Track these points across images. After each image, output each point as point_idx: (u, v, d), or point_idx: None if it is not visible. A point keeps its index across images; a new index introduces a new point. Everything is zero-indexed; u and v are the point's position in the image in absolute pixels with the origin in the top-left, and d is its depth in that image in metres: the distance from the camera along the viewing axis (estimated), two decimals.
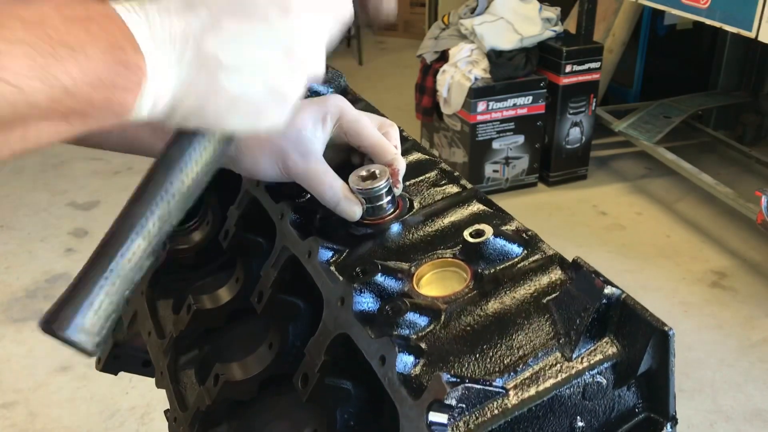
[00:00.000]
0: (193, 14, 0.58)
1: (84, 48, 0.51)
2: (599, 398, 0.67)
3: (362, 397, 0.81)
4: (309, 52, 0.63)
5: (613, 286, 0.65)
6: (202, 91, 0.58)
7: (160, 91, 0.56)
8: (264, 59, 0.60)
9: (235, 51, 0.59)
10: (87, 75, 0.51)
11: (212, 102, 0.59)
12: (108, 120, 0.55)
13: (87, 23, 0.52)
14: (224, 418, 1.04)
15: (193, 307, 1.07)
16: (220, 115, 0.60)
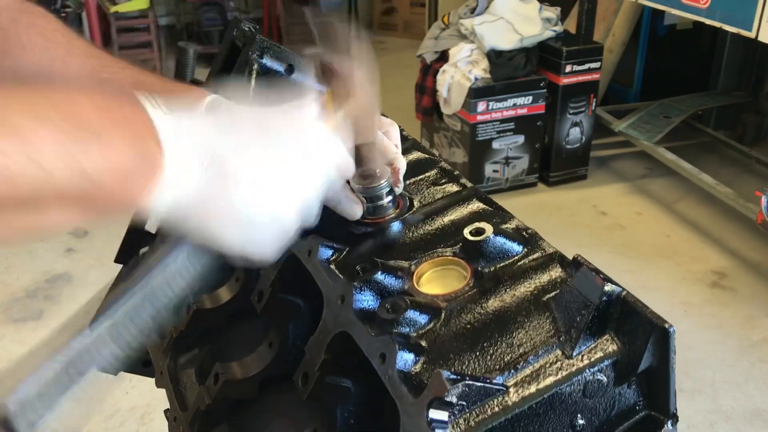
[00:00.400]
0: (224, 136, 0.62)
1: (108, 134, 0.53)
2: (600, 396, 0.67)
3: (362, 395, 0.81)
4: (313, 197, 0.68)
5: (613, 284, 0.65)
6: (213, 199, 0.61)
7: (173, 191, 0.59)
8: (275, 189, 0.64)
9: (254, 177, 0.63)
10: (107, 161, 0.53)
11: (218, 212, 0.62)
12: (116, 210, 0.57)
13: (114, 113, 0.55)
14: (224, 417, 1.04)
15: (193, 307, 1.07)
16: (223, 231, 0.63)
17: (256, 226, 0.64)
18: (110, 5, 5.89)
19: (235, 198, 0.62)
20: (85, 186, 0.52)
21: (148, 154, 0.56)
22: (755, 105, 4.70)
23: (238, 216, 0.63)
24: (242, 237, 0.64)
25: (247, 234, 0.64)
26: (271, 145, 0.65)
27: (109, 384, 0.62)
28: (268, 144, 0.65)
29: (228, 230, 0.63)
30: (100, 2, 5.90)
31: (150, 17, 6.11)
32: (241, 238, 0.64)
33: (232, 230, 0.63)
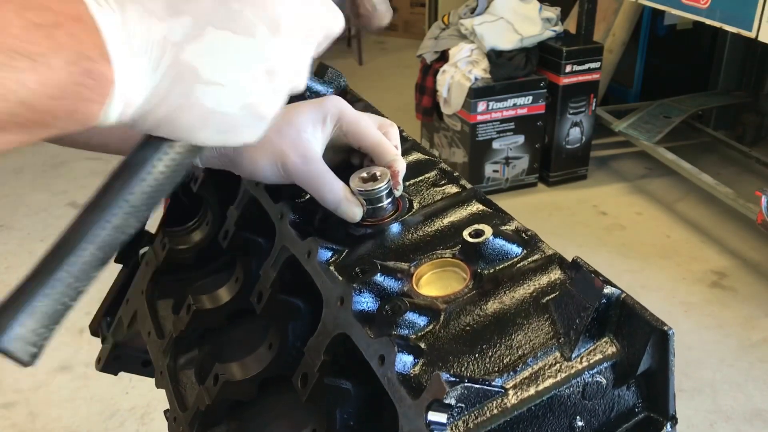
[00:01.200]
0: (176, 20, 0.54)
1: (46, 57, 0.48)
2: (599, 398, 0.67)
3: (362, 397, 0.81)
4: (293, 71, 0.61)
5: (612, 286, 0.65)
6: (176, 103, 0.55)
7: (129, 99, 0.54)
8: (245, 77, 0.58)
9: (216, 65, 0.56)
10: (48, 87, 0.48)
11: (185, 114, 0.56)
12: (71, 128, 0.52)
13: (53, 29, 0.48)
14: (224, 418, 1.04)
15: (192, 307, 1.07)
16: (192, 128, 0.58)
17: (228, 118, 0.58)
18: None
19: (199, 93, 0.56)
20: (28, 114, 0.48)
21: (95, 72, 0.50)
22: (755, 105, 4.71)
23: (205, 111, 0.57)
24: (214, 131, 0.59)
25: (219, 128, 0.59)
26: (234, 20, 0.56)
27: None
28: (230, 21, 0.56)
29: (197, 128, 0.58)
30: None
31: None
32: (214, 133, 0.59)
33: (202, 128, 0.58)
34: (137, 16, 0.53)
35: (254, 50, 0.57)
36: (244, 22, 0.57)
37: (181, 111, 0.56)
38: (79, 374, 2.87)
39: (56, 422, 2.69)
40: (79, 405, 2.76)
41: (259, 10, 0.57)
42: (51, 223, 4.00)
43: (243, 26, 0.57)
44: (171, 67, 0.54)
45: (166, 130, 0.58)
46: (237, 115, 0.59)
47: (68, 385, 2.84)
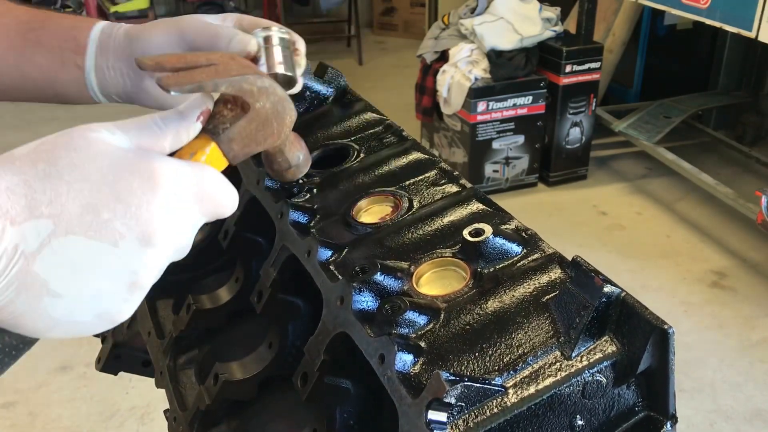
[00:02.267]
0: (34, 223, 0.49)
1: None
2: (599, 397, 0.67)
3: (362, 396, 0.81)
4: (159, 270, 0.57)
5: (612, 285, 0.65)
6: (19, 311, 0.51)
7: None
8: (103, 290, 0.53)
9: (70, 278, 0.51)
10: None
11: (28, 322, 0.52)
12: None
13: None
14: (224, 417, 1.04)
15: (192, 307, 1.07)
16: (36, 332, 0.53)
17: (78, 326, 0.54)
18: (110, 5, 5.89)
19: (47, 305, 0.51)
20: None
21: None
22: (755, 105, 4.70)
23: (53, 323, 0.52)
24: (62, 334, 0.54)
25: (67, 332, 0.54)
26: (101, 230, 0.51)
27: None
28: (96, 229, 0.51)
29: (42, 332, 0.53)
30: (100, 2, 5.90)
31: (150, 17, 6.12)
32: (62, 334, 0.54)
33: (47, 332, 0.53)
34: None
35: (118, 263, 0.53)
36: (112, 234, 0.52)
37: (23, 318, 0.52)
38: (79, 374, 2.87)
39: (56, 422, 2.69)
40: (79, 405, 2.76)
41: (132, 222, 0.53)
42: None
43: (110, 237, 0.52)
44: (18, 276, 0.49)
45: (9, 328, 0.53)
46: (89, 323, 0.54)
47: (68, 385, 2.84)
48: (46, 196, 0.50)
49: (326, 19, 7.41)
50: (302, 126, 1.10)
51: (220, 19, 0.83)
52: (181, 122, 0.61)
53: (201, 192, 0.58)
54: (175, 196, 0.56)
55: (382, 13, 7.53)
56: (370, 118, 1.13)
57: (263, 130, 0.66)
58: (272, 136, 0.67)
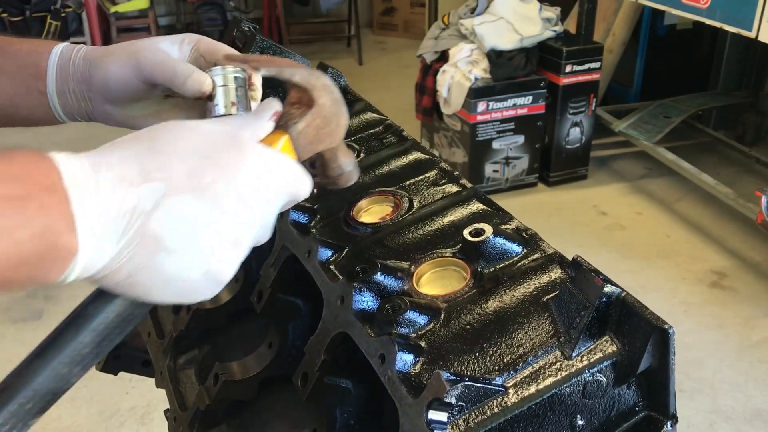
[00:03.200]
0: (148, 187, 0.56)
1: (12, 233, 0.49)
2: (599, 397, 0.67)
3: (362, 395, 0.81)
4: (256, 235, 0.63)
5: (612, 285, 0.65)
6: (137, 269, 0.56)
7: (90, 264, 0.54)
8: (210, 247, 0.59)
9: (182, 235, 0.57)
10: (10, 258, 0.49)
11: (144, 279, 0.57)
12: (28, 287, 0.54)
13: (23, 202, 0.50)
14: (224, 417, 1.04)
15: (192, 307, 1.07)
16: (150, 291, 0.58)
17: (188, 283, 0.59)
18: (110, 5, 5.89)
19: (161, 260, 0.57)
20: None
21: (59, 245, 0.52)
22: (755, 105, 4.70)
23: (166, 279, 0.58)
24: (173, 294, 0.60)
25: (177, 291, 0.60)
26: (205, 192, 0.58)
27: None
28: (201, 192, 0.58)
29: (155, 291, 0.59)
30: (100, 2, 5.90)
31: (150, 17, 6.12)
32: (172, 297, 0.60)
33: (161, 291, 0.59)
34: (110, 185, 0.54)
35: (222, 221, 0.59)
36: (214, 194, 0.58)
37: (140, 276, 0.57)
38: None
39: (56, 422, 2.69)
40: (80, 405, 2.75)
41: (230, 184, 0.59)
42: None
43: (213, 197, 0.58)
44: (136, 235, 0.55)
45: (123, 290, 0.58)
46: (197, 281, 0.60)
47: None
48: (154, 164, 0.57)
49: (326, 19, 7.41)
50: None
51: (177, 42, 0.84)
52: (257, 120, 0.68)
53: (283, 171, 0.65)
54: (264, 169, 0.63)
55: (382, 13, 7.53)
56: (370, 118, 1.13)
57: (324, 127, 0.73)
58: (330, 136, 0.74)
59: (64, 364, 0.58)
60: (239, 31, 1.15)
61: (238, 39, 1.16)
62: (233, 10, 6.56)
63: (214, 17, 6.37)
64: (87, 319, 0.60)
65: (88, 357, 0.59)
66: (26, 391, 0.57)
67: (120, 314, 0.61)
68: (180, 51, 0.84)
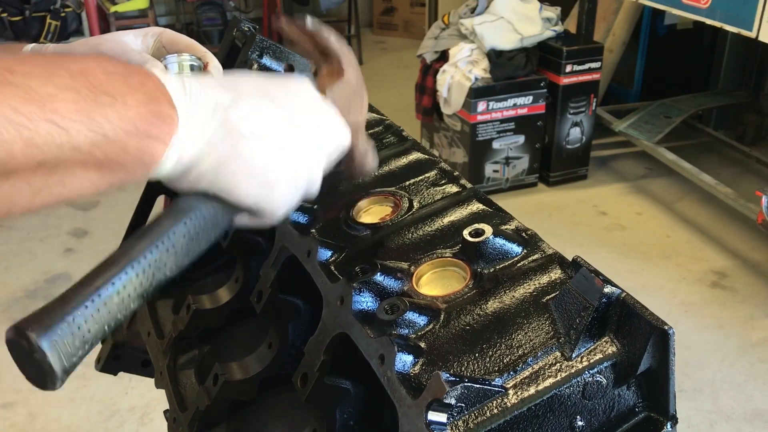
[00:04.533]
0: (225, 91, 0.64)
1: (123, 97, 0.55)
2: (599, 397, 0.67)
3: (362, 396, 0.81)
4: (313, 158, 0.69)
5: (612, 285, 0.65)
6: (223, 153, 0.62)
7: (186, 146, 0.60)
8: (281, 139, 0.66)
9: (258, 124, 0.64)
10: (124, 122, 0.55)
11: (230, 165, 0.63)
12: (136, 171, 0.58)
13: (127, 77, 0.57)
14: (224, 418, 1.04)
15: (192, 307, 1.07)
16: (234, 180, 0.64)
17: (269, 179, 0.65)
18: (110, 5, 5.89)
19: (247, 151, 0.63)
20: (106, 147, 0.55)
21: (162, 113, 0.58)
22: (755, 105, 4.70)
23: (251, 169, 0.64)
24: (256, 190, 0.65)
25: (260, 187, 0.65)
26: (271, 97, 0.67)
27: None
28: (269, 98, 0.67)
29: (242, 183, 0.64)
30: (99, 2, 5.90)
31: (150, 17, 6.12)
32: (255, 192, 0.65)
33: (246, 183, 0.64)
34: (195, 85, 0.62)
35: (287, 120, 0.67)
36: (280, 100, 0.68)
37: (226, 161, 0.63)
38: (79, 374, 2.86)
39: (56, 422, 2.69)
40: (79, 405, 2.75)
41: (293, 97, 0.69)
42: (51, 224, 4.00)
43: (278, 100, 0.67)
44: (221, 123, 0.62)
45: (208, 182, 0.64)
46: (275, 171, 0.66)
47: (68, 385, 2.83)
48: (228, 80, 0.67)
49: (326, 18, 7.41)
50: None
51: (141, 35, 0.88)
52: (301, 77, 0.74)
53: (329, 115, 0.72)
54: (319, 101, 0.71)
55: (382, 12, 7.53)
56: (370, 118, 1.13)
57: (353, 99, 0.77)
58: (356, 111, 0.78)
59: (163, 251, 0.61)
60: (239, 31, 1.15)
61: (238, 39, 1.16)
62: (233, 10, 6.56)
63: (214, 17, 6.36)
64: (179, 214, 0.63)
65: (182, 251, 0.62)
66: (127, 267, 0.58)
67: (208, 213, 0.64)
68: (143, 43, 0.88)
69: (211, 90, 0.63)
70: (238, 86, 0.66)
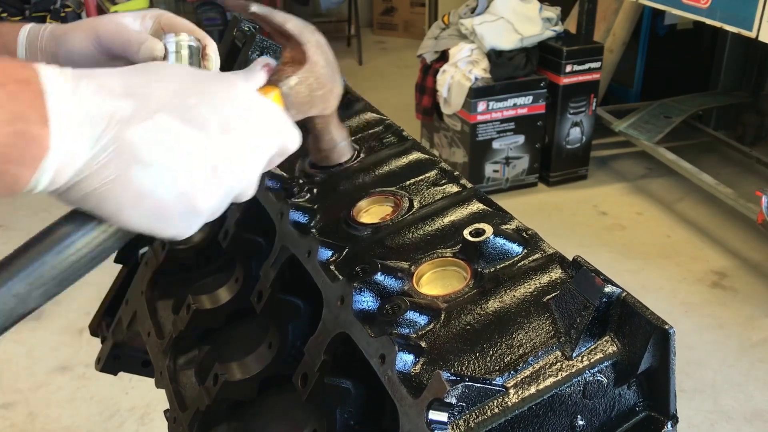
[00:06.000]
0: (130, 99, 0.55)
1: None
2: (600, 397, 0.67)
3: (362, 396, 0.81)
4: (238, 175, 0.61)
5: (613, 285, 0.65)
6: (110, 179, 0.55)
7: (63, 166, 0.53)
8: (186, 166, 0.57)
9: (159, 149, 0.56)
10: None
11: (117, 191, 0.55)
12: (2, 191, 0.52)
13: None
14: (224, 418, 1.04)
15: (192, 307, 1.07)
16: (121, 207, 0.56)
17: (160, 205, 0.57)
18: (110, 5, 5.89)
19: (135, 173, 0.55)
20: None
21: (28, 135, 0.50)
22: (755, 105, 4.70)
23: (138, 193, 0.56)
24: (144, 215, 0.57)
25: (149, 217, 0.57)
26: (188, 112, 0.57)
27: None
28: (183, 112, 0.57)
29: (127, 207, 0.56)
30: (99, 2, 5.90)
31: None
32: (143, 220, 0.58)
33: (132, 208, 0.56)
34: (91, 90, 0.54)
35: (201, 144, 0.58)
36: (196, 116, 0.58)
37: (113, 186, 0.55)
38: (79, 374, 2.87)
39: (56, 422, 2.69)
40: (79, 405, 2.75)
41: (215, 109, 0.59)
42: None
43: (195, 120, 0.58)
44: (112, 141, 0.54)
45: (94, 204, 0.56)
46: (171, 202, 0.57)
47: (68, 385, 2.84)
48: (139, 81, 0.57)
49: (326, 18, 7.41)
50: None
51: (140, 17, 0.85)
52: (249, 72, 0.68)
53: (270, 117, 0.64)
54: (250, 107, 0.62)
55: (382, 12, 7.53)
56: (370, 118, 1.13)
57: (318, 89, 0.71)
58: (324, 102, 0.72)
59: (25, 284, 0.55)
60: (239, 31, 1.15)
61: (238, 39, 1.16)
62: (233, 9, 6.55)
63: (214, 17, 6.36)
64: (55, 239, 0.57)
65: (50, 282, 0.56)
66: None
67: (90, 240, 0.58)
68: (142, 25, 0.85)
69: (110, 98, 0.55)
70: (151, 92, 0.57)
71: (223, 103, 0.60)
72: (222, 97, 0.60)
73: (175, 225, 0.60)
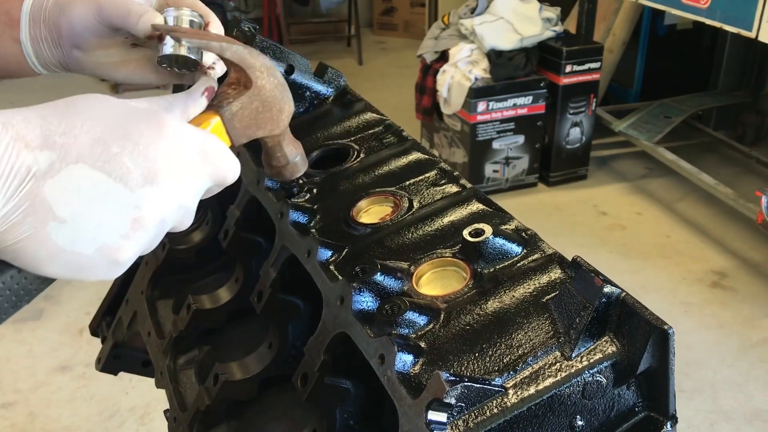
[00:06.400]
0: (46, 151, 0.53)
1: None
2: (599, 397, 0.67)
3: (362, 396, 0.81)
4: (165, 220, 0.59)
5: (612, 285, 0.65)
6: (24, 235, 0.53)
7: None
8: (105, 222, 0.55)
9: (76, 205, 0.54)
10: None
11: (32, 247, 0.54)
12: None
13: None
14: (224, 418, 1.04)
15: (192, 307, 1.07)
16: (39, 262, 0.55)
17: (79, 259, 0.56)
18: None
19: (51, 230, 0.53)
20: None
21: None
22: (755, 105, 4.70)
23: (55, 251, 0.54)
24: (63, 268, 0.56)
25: (69, 266, 0.56)
26: (109, 163, 0.55)
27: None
28: (104, 163, 0.54)
29: (44, 263, 0.55)
30: None
31: None
32: (62, 269, 0.56)
33: (50, 263, 0.55)
34: (4, 144, 0.52)
35: (123, 196, 0.56)
36: (119, 167, 0.55)
37: (28, 243, 0.54)
38: (79, 374, 2.87)
39: (56, 422, 2.69)
40: (79, 405, 2.76)
41: (138, 158, 0.56)
42: None
43: (116, 170, 0.55)
44: (26, 198, 0.52)
45: (10, 258, 0.55)
46: (90, 257, 0.56)
47: (68, 385, 2.84)
48: (60, 128, 0.54)
49: (326, 19, 7.41)
50: (302, 126, 1.10)
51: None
52: (188, 97, 0.66)
53: (205, 151, 0.62)
54: (180, 147, 0.59)
55: (382, 13, 7.53)
56: (370, 118, 1.13)
57: (264, 112, 0.69)
58: (272, 122, 0.70)
59: None
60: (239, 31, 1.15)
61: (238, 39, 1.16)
62: (233, 10, 6.55)
63: None
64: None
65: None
66: None
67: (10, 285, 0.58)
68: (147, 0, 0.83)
69: (29, 151, 0.52)
70: (71, 141, 0.54)
71: (148, 149, 0.57)
72: (148, 142, 0.57)
73: (98, 274, 0.58)
